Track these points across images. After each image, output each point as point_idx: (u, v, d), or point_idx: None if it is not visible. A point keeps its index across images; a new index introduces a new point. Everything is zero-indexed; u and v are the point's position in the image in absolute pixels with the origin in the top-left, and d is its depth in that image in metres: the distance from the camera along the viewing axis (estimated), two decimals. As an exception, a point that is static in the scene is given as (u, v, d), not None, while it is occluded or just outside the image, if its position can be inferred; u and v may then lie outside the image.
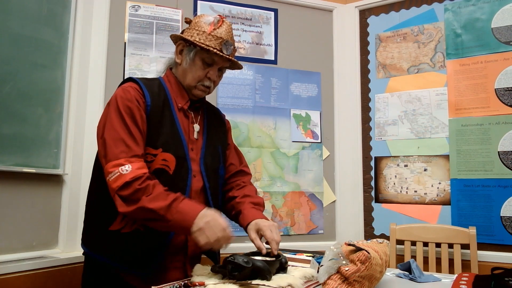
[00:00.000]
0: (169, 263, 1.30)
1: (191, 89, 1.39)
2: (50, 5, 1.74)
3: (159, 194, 1.18)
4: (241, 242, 2.12)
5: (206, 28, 1.35)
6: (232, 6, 2.30)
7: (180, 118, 1.37)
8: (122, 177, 1.17)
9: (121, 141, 1.22)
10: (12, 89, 1.55)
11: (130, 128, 1.23)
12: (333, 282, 1.01)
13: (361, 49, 2.45)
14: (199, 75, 1.36)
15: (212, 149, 1.44)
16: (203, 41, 1.33)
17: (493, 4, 2.10)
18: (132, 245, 1.24)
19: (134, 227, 1.24)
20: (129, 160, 1.20)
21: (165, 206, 1.16)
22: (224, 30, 1.36)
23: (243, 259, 1.04)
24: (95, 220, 1.31)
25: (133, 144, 1.22)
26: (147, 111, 1.28)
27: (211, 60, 1.36)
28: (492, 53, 2.07)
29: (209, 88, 1.40)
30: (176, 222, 1.16)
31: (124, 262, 1.26)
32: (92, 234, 1.32)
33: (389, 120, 2.32)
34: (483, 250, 1.97)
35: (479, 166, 2.05)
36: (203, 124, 1.46)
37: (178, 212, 1.16)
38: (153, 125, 1.28)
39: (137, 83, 1.32)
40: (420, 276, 1.34)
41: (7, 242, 1.55)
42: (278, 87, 2.34)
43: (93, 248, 1.31)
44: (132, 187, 1.16)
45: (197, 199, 1.34)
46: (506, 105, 2.02)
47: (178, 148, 1.31)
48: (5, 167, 1.51)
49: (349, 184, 2.37)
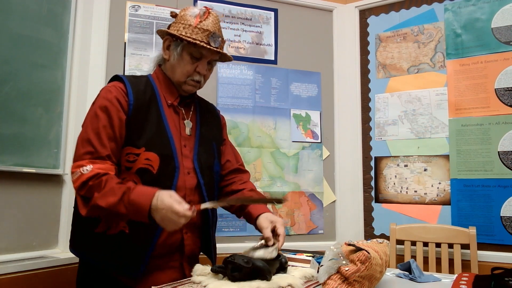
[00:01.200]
0: (164, 263, 1.28)
1: (181, 85, 1.37)
2: (50, 5, 1.74)
3: (110, 189, 1.14)
4: (241, 242, 2.13)
5: (192, 21, 1.32)
6: (232, 6, 2.30)
7: (169, 115, 1.35)
8: (81, 177, 1.16)
9: (88, 142, 1.21)
10: (12, 89, 1.55)
11: (100, 129, 1.21)
12: (333, 282, 1.01)
13: (361, 49, 2.45)
14: (188, 70, 1.34)
15: (206, 146, 1.42)
16: (190, 34, 1.30)
17: (493, 4, 2.10)
18: (118, 247, 1.22)
19: (119, 229, 1.22)
20: (93, 161, 1.18)
21: (116, 201, 1.12)
22: (211, 22, 1.33)
23: (243, 259, 1.04)
24: (81, 223, 1.28)
25: (99, 146, 1.20)
26: (129, 111, 1.26)
27: (199, 53, 1.33)
28: (492, 53, 2.07)
29: (199, 82, 1.38)
30: (132, 214, 1.13)
31: (113, 264, 1.24)
32: (79, 237, 1.30)
33: (389, 120, 2.32)
34: (483, 250, 1.97)
35: (479, 166, 2.05)
36: (195, 120, 1.43)
37: (131, 205, 1.12)
38: (136, 124, 1.26)
39: (123, 82, 1.30)
40: (420, 276, 1.34)
41: (7, 242, 1.55)
42: (278, 87, 2.34)
43: (81, 251, 1.29)
44: (87, 185, 1.15)
45: (192, 196, 1.32)
46: (506, 105, 2.02)
47: (164, 146, 1.28)
48: (5, 167, 1.51)
49: (349, 184, 2.37)
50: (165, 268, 1.28)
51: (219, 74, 2.23)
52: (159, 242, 1.25)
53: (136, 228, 1.22)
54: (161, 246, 1.26)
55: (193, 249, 1.36)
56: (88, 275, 1.30)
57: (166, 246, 1.27)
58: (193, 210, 1.11)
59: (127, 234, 1.22)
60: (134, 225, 1.22)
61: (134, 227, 1.22)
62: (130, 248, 1.22)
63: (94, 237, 1.24)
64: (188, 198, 1.31)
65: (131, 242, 1.22)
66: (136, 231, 1.22)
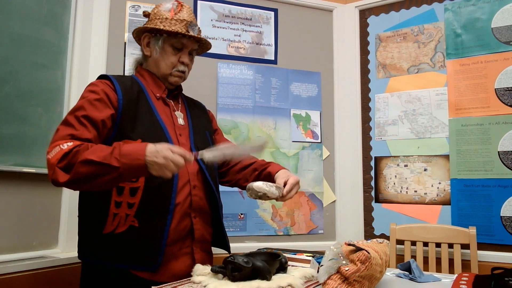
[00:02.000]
0: (178, 250, 1.29)
1: (167, 77, 1.40)
2: (50, 5, 1.74)
3: (98, 147, 1.13)
4: (241, 242, 2.13)
5: (167, 14, 1.36)
6: (232, 6, 2.30)
7: (160, 107, 1.37)
8: (61, 151, 1.12)
9: (69, 125, 1.19)
10: (12, 89, 1.55)
11: (83, 117, 1.20)
12: (333, 282, 1.01)
13: (361, 49, 2.45)
14: (172, 61, 1.38)
15: (200, 134, 1.45)
16: (168, 27, 1.34)
17: (493, 4, 2.10)
18: (131, 242, 1.22)
19: (128, 224, 1.22)
20: (74, 141, 1.15)
21: (108, 154, 1.09)
22: (186, 12, 1.38)
23: (243, 259, 1.04)
24: (89, 227, 1.28)
25: (82, 128, 1.19)
26: (120, 106, 1.27)
27: (180, 44, 1.37)
28: (492, 53, 2.07)
29: (184, 73, 1.42)
30: (126, 166, 1.08)
31: (131, 261, 1.23)
32: (88, 244, 1.28)
33: (389, 120, 2.32)
34: (483, 250, 1.97)
35: (479, 166, 2.05)
36: (185, 112, 1.47)
37: (123, 156, 1.09)
38: (128, 118, 1.27)
39: (109, 79, 1.32)
40: (420, 276, 1.34)
41: (7, 242, 1.55)
42: (278, 87, 2.34)
43: (94, 257, 1.27)
44: (70, 153, 1.11)
45: (195, 181, 1.34)
46: (506, 105, 2.02)
47: (159, 136, 1.29)
48: (5, 167, 1.51)
49: (349, 184, 2.37)
50: (179, 256, 1.29)
51: (219, 74, 2.23)
52: (171, 229, 1.25)
53: (145, 218, 1.23)
54: (173, 232, 1.26)
55: (203, 234, 1.36)
56: (94, 282, 1.28)
57: (178, 231, 1.28)
58: (191, 154, 1.14)
59: (137, 228, 1.22)
60: (142, 216, 1.22)
61: (143, 219, 1.22)
62: (144, 241, 1.23)
63: (103, 239, 1.23)
64: (193, 183, 1.34)
65: (143, 235, 1.23)
66: (146, 222, 1.22)
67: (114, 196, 1.23)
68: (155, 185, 1.25)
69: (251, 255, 1.19)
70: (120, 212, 1.23)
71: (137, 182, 1.24)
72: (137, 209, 1.23)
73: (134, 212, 1.22)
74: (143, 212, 1.23)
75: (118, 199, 1.23)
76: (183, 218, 1.29)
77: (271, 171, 1.43)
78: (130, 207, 1.23)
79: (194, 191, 1.34)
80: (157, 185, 1.25)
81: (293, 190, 1.34)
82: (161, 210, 1.25)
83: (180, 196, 1.29)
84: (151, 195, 1.24)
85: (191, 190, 1.33)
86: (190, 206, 1.32)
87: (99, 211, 1.24)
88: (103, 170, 1.09)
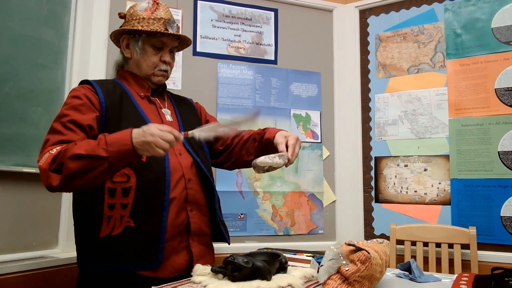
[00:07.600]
0: (177, 245, 1.29)
1: (149, 77, 1.40)
2: (50, 5, 1.74)
3: (85, 142, 1.13)
4: (241, 242, 2.13)
5: (144, 14, 1.35)
6: (232, 6, 2.30)
7: (145, 106, 1.37)
8: (50, 155, 1.14)
9: (57, 132, 1.20)
10: (12, 89, 1.55)
11: (67, 122, 1.20)
12: (333, 282, 1.01)
13: (361, 49, 2.45)
14: (153, 61, 1.37)
15: (190, 129, 1.44)
16: (147, 26, 1.34)
17: (493, 4, 2.10)
18: (130, 243, 1.22)
19: (123, 225, 1.21)
20: (62, 145, 1.16)
21: (95, 146, 1.10)
22: (162, 10, 1.37)
23: (243, 259, 1.04)
24: (84, 233, 1.27)
25: (70, 133, 1.19)
26: (103, 108, 1.27)
27: (160, 43, 1.37)
28: (492, 53, 2.07)
29: (167, 71, 1.41)
30: (114, 154, 1.08)
31: (132, 261, 1.22)
32: (87, 251, 1.27)
33: (389, 120, 2.32)
34: (483, 250, 1.97)
35: (479, 166, 2.05)
36: (172, 109, 1.47)
37: (110, 144, 1.09)
38: (112, 120, 1.27)
39: (89, 83, 1.32)
40: (420, 276, 1.34)
41: (7, 242, 1.55)
42: (278, 87, 2.34)
43: (94, 263, 1.25)
44: (59, 154, 1.12)
45: (190, 175, 1.34)
46: (506, 105, 2.02)
47: None
48: (5, 167, 1.51)
49: (349, 184, 2.37)
50: (178, 250, 1.29)
51: (219, 74, 2.23)
52: (168, 224, 1.25)
53: (141, 217, 1.22)
54: (171, 227, 1.26)
55: (200, 227, 1.36)
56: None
57: (175, 226, 1.28)
58: (179, 133, 1.14)
59: (134, 228, 1.22)
60: (138, 216, 1.22)
61: (138, 218, 1.22)
62: (142, 240, 1.22)
63: (101, 243, 1.22)
64: (187, 176, 1.33)
65: (141, 234, 1.22)
66: (142, 221, 1.22)
67: (107, 198, 1.23)
68: (147, 183, 1.24)
69: (251, 255, 1.19)
70: (114, 214, 1.22)
71: (129, 182, 1.23)
72: (132, 209, 1.22)
73: (128, 213, 1.22)
74: (138, 211, 1.22)
75: (111, 201, 1.22)
76: (179, 212, 1.29)
77: (269, 137, 1.41)
78: (124, 207, 1.22)
79: (190, 184, 1.33)
80: (150, 183, 1.25)
81: (296, 149, 1.32)
82: (156, 207, 1.24)
83: (175, 191, 1.29)
84: (144, 193, 1.24)
85: (186, 183, 1.33)
86: (186, 199, 1.32)
87: (93, 215, 1.23)
88: (92, 163, 1.09)
